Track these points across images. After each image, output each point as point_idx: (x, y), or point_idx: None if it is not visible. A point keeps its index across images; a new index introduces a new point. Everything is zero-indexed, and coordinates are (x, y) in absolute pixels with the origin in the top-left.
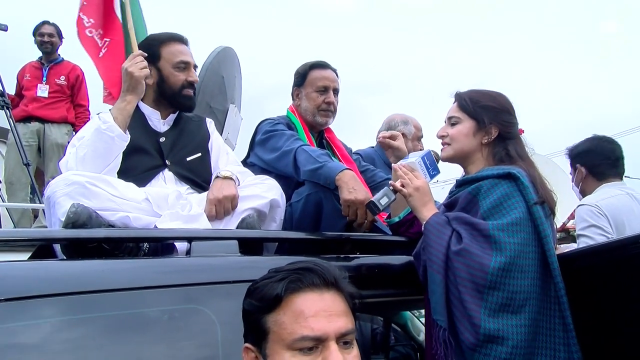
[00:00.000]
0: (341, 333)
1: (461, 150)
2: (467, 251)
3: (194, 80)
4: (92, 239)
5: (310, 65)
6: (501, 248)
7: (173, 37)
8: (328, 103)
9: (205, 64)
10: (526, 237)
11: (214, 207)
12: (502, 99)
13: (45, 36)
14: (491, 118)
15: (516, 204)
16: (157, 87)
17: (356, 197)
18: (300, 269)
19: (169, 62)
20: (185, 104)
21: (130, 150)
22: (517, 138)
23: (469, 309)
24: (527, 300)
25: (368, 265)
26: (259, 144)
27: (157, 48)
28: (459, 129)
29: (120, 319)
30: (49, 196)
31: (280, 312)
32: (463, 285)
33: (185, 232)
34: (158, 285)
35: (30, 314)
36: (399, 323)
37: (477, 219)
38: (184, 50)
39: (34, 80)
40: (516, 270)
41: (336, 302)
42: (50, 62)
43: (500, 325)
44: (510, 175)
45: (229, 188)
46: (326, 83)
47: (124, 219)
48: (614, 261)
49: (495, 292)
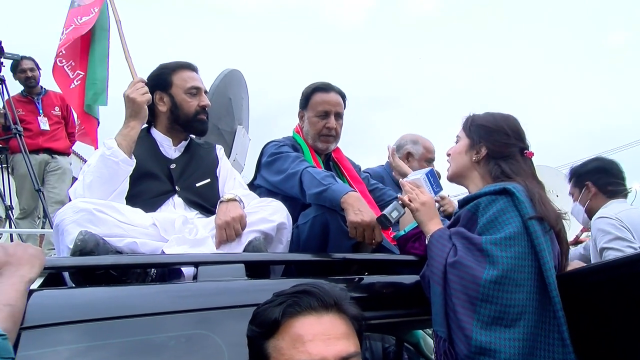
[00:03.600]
0: (341, 357)
1: (457, 168)
2: (461, 263)
3: (206, 105)
4: (100, 266)
5: (313, 87)
6: (494, 262)
7: (182, 65)
8: (329, 128)
9: (212, 86)
10: (521, 251)
11: (224, 231)
12: (501, 121)
13: (28, 71)
14: (481, 137)
15: (511, 219)
16: (171, 114)
17: (362, 219)
18: (299, 292)
19: (182, 88)
20: (199, 128)
21: (141, 176)
22: (513, 158)
23: (462, 320)
24: (522, 315)
25: (376, 285)
26: (265, 166)
27: (169, 76)
28: (456, 147)
29: (129, 346)
30: (58, 224)
31: (279, 338)
32: (456, 297)
33: (192, 257)
34: (165, 311)
35: (41, 343)
36: (410, 342)
37: (473, 234)
38: (194, 77)
39: (30, 114)
40: (510, 284)
41: (336, 325)
42: (38, 95)
43: (492, 338)
44: (505, 190)
45: (235, 210)
46: (327, 108)
47: (131, 244)
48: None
49: (487, 305)
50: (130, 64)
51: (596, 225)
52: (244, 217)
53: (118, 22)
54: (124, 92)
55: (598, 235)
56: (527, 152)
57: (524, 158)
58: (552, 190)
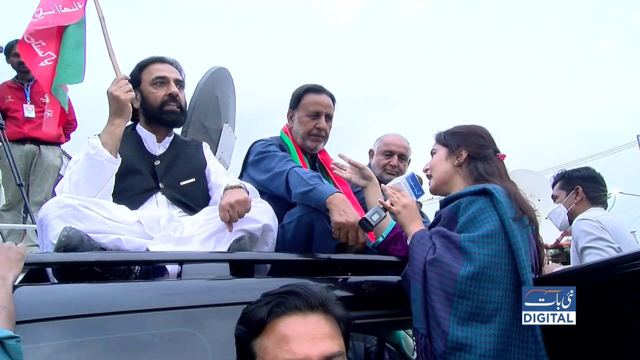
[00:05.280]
0: (325, 356)
1: (440, 176)
2: (439, 261)
3: (173, 92)
4: (84, 262)
5: (305, 88)
6: (471, 258)
7: (153, 59)
8: (319, 129)
9: (199, 84)
10: (498, 249)
11: (227, 212)
12: (473, 127)
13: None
14: (459, 142)
15: (489, 218)
16: (143, 110)
17: (347, 219)
18: (285, 292)
19: (147, 81)
20: (168, 119)
21: (125, 172)
22: (490, 159)
23: (439, 316)
24: (497, 311)
25: (360, 285)
26: (252, 164)
27: (139, 72)
28: (434, 158)
29: (112, 343)
30: (42, 218)
31: (265, 337)
32: (435, 294)
33: (176, 254)
34: (149, 308)
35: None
36: (392, 342)
37: (452, 232)
38: (161, 68)
39: (18, 101)
40: (486, 281)
41: (321, 325)
42: (29, 81)
43: (468, 334)
44: (485, 191)
45: (240, 194)
46: (318, 108)
47: (115, 241)
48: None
49: (464, 301)
50: (114, 61)
51: (578, 226)
52: (249, 202)
53: (101, 19)
54: (107, 90)
55: (580, 236)
56: (500, 155)
57: (497, 160)
58: (533, 194)
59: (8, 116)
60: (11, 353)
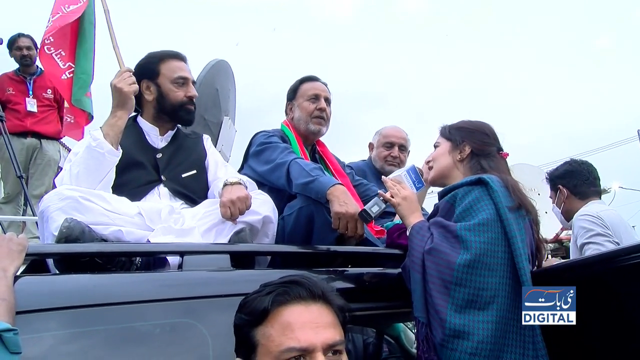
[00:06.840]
0: (328, 344)
1: (440, 168)
2: (437, 250)
3: (193, 95)
4: (85, 253)
5: (300, 80)
6: (467, 246)
7: (171, 54)
8: (320, 109)
9: (199, 77)
10: (494, 236)
11: (228, 209)
12: (479, 123)
13: (24, 49)
14: (463, 137)
15: (485, 207)
16: (157, 104)
17: (347, 210)
18: (288, 282)
19: (168, 78)
20: (185, 118)
21: (127, 165)
22: (493, 156)
23: (437, 304)
24: (494, 298)
25: (359, 277)
26: (253, 155)
27: (156, 65)
28: (437, 150)
29: (113, 333)
30: (43, 210)
31: (268, 325)
32: (432, 282)
33: (177, 246)
34: (150, 299)
35: (23, 329)
36: (392, 335)
37: (449, 222)
38: (182, 67)
39: (20, 94)
40: (482, 268)
41: (323, 314)
42: (32, 75)
43: (466, 321)
44: (480, 180)
45: (240, 190)
46: (317, 92)
47: (116, 233)
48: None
49: (461, 289)
50: (117, 53)
51: (578, 223)
52: (250, 198)
53: (106, 12)
54: (111, 82)
55: (579, 232)
56: (503, 153)
57: (500, 157)
58: (533, 188)
59: (8, 108)
60: (9, 346)
